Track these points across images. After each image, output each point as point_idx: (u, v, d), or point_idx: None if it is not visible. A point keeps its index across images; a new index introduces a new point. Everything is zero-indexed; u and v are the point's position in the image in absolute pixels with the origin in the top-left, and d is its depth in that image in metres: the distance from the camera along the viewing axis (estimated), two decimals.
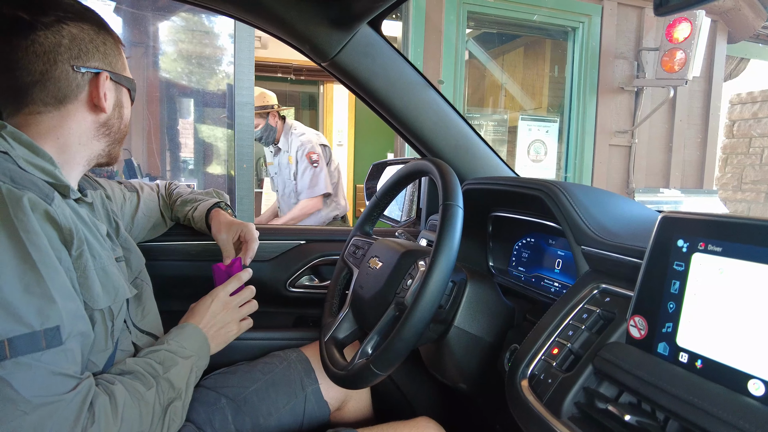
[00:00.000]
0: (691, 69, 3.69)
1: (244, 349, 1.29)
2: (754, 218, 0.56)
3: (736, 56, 5.24)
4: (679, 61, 3.71)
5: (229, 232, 1.13)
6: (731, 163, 6.92)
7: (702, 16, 3.61)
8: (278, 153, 2.92)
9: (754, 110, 6.69)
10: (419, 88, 1.21)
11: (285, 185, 2.93)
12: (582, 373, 0.65)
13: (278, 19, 1.06)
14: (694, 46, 3.66)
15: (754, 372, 0.51)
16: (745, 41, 4.69)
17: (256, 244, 1.13)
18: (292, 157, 2.83)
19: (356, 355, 0.83)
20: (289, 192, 2.90)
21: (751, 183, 6.67)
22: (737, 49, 4.92)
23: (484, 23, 3.80)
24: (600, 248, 0.78)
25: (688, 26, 3.65)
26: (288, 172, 2.87)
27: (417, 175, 1.01)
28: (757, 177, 6.60)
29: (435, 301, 0.73)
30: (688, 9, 0.71)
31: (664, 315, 0.61)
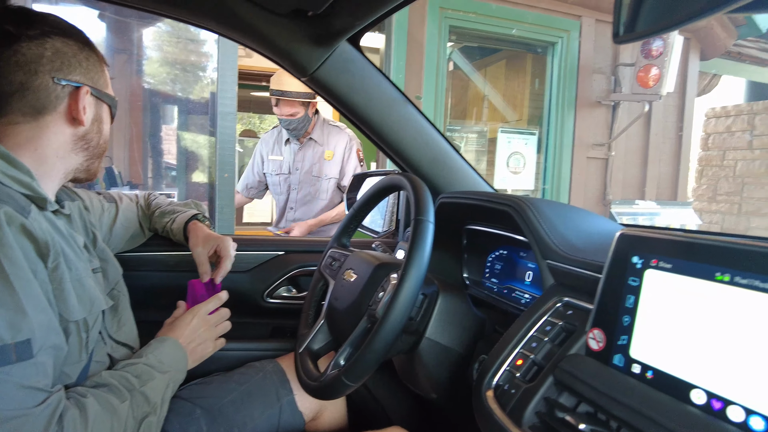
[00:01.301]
0: (665, 84, 3.80)
1: (221, 360, 1.29)
2: (701, 237, 0.59)
3: (709, 72, 5.41)
4: (654, 76, 3.82)
5: (206, 246, 1.14)
6: (706, 174, 7.10)
7: (675, 35, 3.73)
8: (304, 147, 2.48)
9: (728, 124, 6.89)
10: (398, 104, 1.24)
11: (307, 184, 2.48)
12: (543, 383, 0.68)
13: (259, 35, 1.09)
14: (668, 63, 3.77)
15: (697, 382, 0.54)
16: (717, 58, 4.84)
17: (230, 262, 1.15)
18: (333, 153, 2.46)
19: (329, 367, 0.85)
20: (313, 192, 2.48)
21: (725, 194, 6.84)
22: (709, 66, 5.08)
23: (465, 37, 3.87)
24: (563, 262, 0.81)
25: (662, 43, 3.77)
26: (318, 168, 2.46)
27: (391, 189, 1.04)
28: (730, 189, 6.77)
29: (405, 313, 0.75)
30: (644, 38, 0.75)
31: (620, 328, 0.65)
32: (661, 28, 0.66)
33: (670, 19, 0.62)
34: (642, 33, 0.69)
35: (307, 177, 2.47)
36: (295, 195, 2.52)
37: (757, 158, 6.50)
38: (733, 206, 6.74)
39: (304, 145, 2.48)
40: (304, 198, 2.50)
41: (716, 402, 0.52)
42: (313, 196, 2.49)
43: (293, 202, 2.53)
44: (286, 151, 2.54)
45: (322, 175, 2.45)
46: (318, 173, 2.46)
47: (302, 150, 2.48)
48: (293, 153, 2.50)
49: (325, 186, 2.46)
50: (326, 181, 2.46)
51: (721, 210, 6.87)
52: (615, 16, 0.71)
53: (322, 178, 2.45)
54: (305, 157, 2.47)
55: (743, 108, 6.76)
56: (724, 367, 0.52)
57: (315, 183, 2.47)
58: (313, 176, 2.46)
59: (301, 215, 2.52)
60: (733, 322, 0.52)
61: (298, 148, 2.49)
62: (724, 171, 6.87)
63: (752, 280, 0.51)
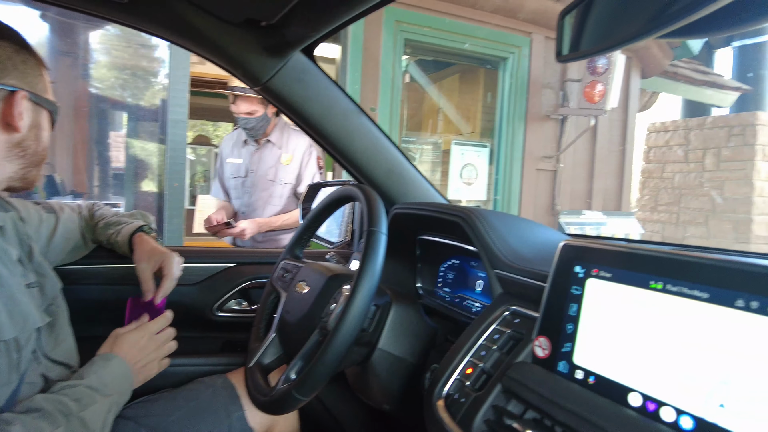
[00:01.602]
0: (609, 100, 4.00)
1: (168, 376, 1.25)
2: (637, 247, 0.62)
3: (649, 90, 5.72)
4: (599, 92, 4.01)
5: (150, 262, 1.10)
6: (648, 186, 7.49)
7: (618, 53, 3.93)
8: (261, 149, 2.37)
9: (666, 139, 7.31)
10: (352, 115, 1.24)
11: (260, 188, 2.36)
12: (492, 391, 0.70)
13: (210, 44, 1.07)
14: (612, 80, 3.97)
15: (634, 385, 0.57)
16: (656, 77, 5.14)
17: (172, 283, 1.11)
18: (292, 157, 2.35)
19: (279, 381, 0.83)
20: (266, 197, 2.35)
21: (665, 205, 7.24)
22: (649, 84, 5.37)
23: (420, 50, 3.94)
24: (511, 272, 0.83)
25: (607, 61, 3.96)
26: (274, 172, 2.34)
27: (345, 200, 1.04)
28: (670, 200, 7.17)
29: (356, 325, 0.75)
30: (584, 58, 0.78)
31: (564, 335, 0.67)
32: (601, 48, 0.70)
33: (609, 41, 0.66)
34: (584, 53, 0.72)
35: (262, 180, 2.34)
36: (248, 199, 2.39)
37: (692, 171, 6.91)
38: (672, 216, 7.13)
39: (262, 147, 2.36)
40: (255, 202, 2.38)
41: (651, 404, 0.55)
42: (265, 201, 2.36)
43: (245, 206, 2.41)
44: (245, 153, 2.41)
45: (277, 180, 2.34)
46: (273, 177, 2.34)
47: (259, 152, 2.36)
48: (250, 155, 2.39)
49: (279, 191, 2.35)
50: (281, 186, 2.34)
51: (662, 219, 7.26)
52: (558, 37, 0.74)
53: (276, 182, 2.34)
54: (261, 160, 2.35)
55: (680, 124, 7.20)
56: (658, 371, 0.55)
57: (269, 187, 2.35)
58: (268, 180, 2.34)
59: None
60: (665, 327, 0.55)
61: (254, 150, 2.37)
62: (663, 183, 7.27)
63: (681, 288, 0.54)
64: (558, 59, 0.75)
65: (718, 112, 7.01)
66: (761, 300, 0.47)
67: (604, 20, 0.68)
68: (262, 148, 2.36)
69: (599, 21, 0.69)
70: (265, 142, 2.36)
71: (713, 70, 6.84)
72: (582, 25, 0.72)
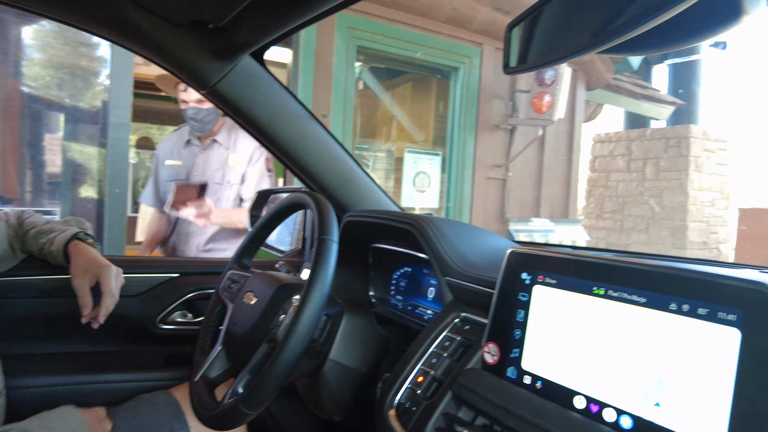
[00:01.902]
0: (557, 111, 4.15)
1: (107, 393, 1.18)
2: (581, 254, 0.64)
3: (594, 102, 5.99)
4: (547, 103, 4.16)
5: (86, 276, 1.04)
6: (594, 194, 7.83)
7: (564, 66, 4.09)
8: (207, 150, 2.21)
9: (610, 149, 7.67)
10: (303, 121, 1.23)
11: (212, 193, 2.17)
12: (443, 399, 0.70)
13: (155, 45, 1.03)
14: (559, 91, 4.12)
15: (578, 389, 0.58)
16: (600, 89, 5.38)
17: (113, 300, 1.05)
18: (240, 158, 2.18)
19: (226, 395, 0.80)
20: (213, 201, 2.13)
21: (610, 213, 7.58)
22: (594, 96, 5.63)
23: (373, 58, 3.96)
24: (461, 279, 0.84)
25: (554, 73, 4.11)
26: (221, 175, 2.18)
27: (295, 208, 1.02)
28: (614, 207, 7.52)
29: (306, 335, 0.73)
30: (530, 71, 0.80)
31: (512, 341, 0.68)
32: (547, 61, 0.71)
33: (555, 54, 0.68)
34: (530, 65, 0.74)
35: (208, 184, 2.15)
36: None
37: (634, 180, 7.29)
38: (616, 223, 7.48)
39: (207, 147, 2.21)
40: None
41: (594, 406, 0.56)
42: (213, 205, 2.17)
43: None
44: (186, 155, 2.25)
45: (224, 182, 2.19)
46: (220, 180, 2.19)
47: (204, 153, 2.21)
48: (194, 156, 2.23)
49: (227, 194, 2.20)
50: (229, 187, 2.19)
51: (607, 227, 7.59)
52: (505, 49, 0.76)
53: (224, 184, 2.19)
54: (207, 161, 2.19)
55: (622, 135, 7.58)
56: (600, 374, 0.56)
57: (216, 191, 2.18)
58: (215, 183, 2.18)
59: (197, 229, 2.19)
60: (607, 331, 0.57)
61: (199, 151, 2.22)
62: (608, 191, 7.62)
63: (622, 293, 0.56)
64: (505, 71, 0.77)
65: (656, 124, 7.44)
66: (691, 303, 0.50)
67: (550, 34, 0.69)
68: (207, 149, 2.21)
69: (545, 34, 0.71)
70: (211, 142, 2.21)
71: (651, 85, 7.25)
72: (529, 38, 0.74)
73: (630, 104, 6.47)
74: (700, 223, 6.78)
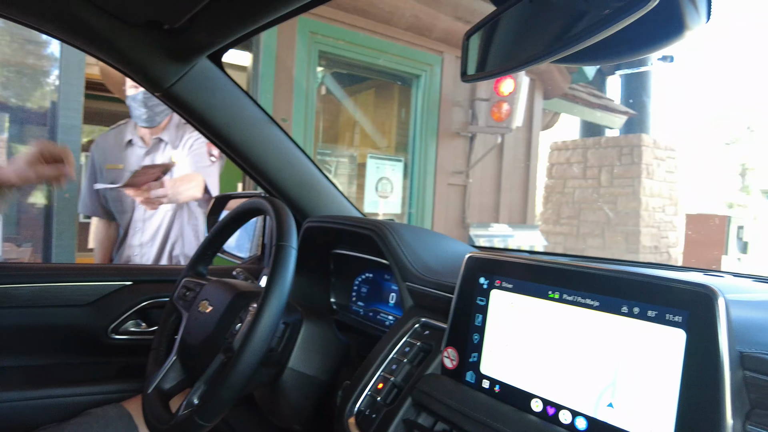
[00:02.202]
0: (515, 119, 4.24)
1: (54, 409, 1.12)
2: (536, 259, 0.65)
3: (551, 110, 6.17)
4: (506, 112, 4.25)
5: None
6: (551, 200, 8.05)
7: (522, 75, 4.20)
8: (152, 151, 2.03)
9: (567, 156, 7.91)
10: (262, 125, 1.21)
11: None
12: (402, 405, 0.69)
13: (107, 44, 0.99)
14: (517, 100, 4.22)
15: (535, 391, 0.59)
16: (557, 98, 5.55)
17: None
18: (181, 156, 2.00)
19: (180, 407, 0.77)
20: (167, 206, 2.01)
21: (567, 218, 7.81)
22: (551, 105, 5.80)
23: (335, 63, 3.96)
24: (421, 284, 0.84)
25: (512, 82, 4.21)
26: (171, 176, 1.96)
27: (253, 213, 1.00)
28: (571, 213, 7.75)
29: (263, 344, 0.72)
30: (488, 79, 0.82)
31: (471, 346, 0.68)
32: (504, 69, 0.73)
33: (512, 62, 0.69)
34: (488, 73, 0.75)
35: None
36: (142, 213, 2.01)
37: (590, 186, 7.53)
38: (572, 228, 7.70)
39: (153, 147, 2.01)
40: (152, 216, 2.02)
41: (550, 408, 0.57)
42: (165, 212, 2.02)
43: (140, 222, 2.02)
44: (129, 156, 2.03)
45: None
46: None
47: (150, 155, 2.01)
48: (139, 159, 2.01)
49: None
50: None
51: (563, 232, 7.81)
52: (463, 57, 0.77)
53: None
54: (154, 163, 2.00)
55: (578, 143, 7.83)
56: (556, 376, 0.57)
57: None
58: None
59: (151, 238, 2.03)
60: (562, 335, 0.58)
61: (144, 153, 2.01)
62: (565, 197, 7.85)
63: (576, 297, 0.57)
64: (463, 79, 0.78)
65: (610, 133, 7.72)
66: (641, 306, 0.51)
67: (507, 42, 0.71)
68: (153, 149, 2.01)
69: (502, 43, 0.72)
70: (157, 141, 2.02)
71: (605, 95, 7.54)
72: (486, 47, 0.75)
73: (585, 113, 6.70)
74: (652, 228, 7.07)
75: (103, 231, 2.15)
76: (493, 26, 0.73)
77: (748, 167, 22.54)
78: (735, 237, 8.13)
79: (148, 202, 1.76)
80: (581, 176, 7.67)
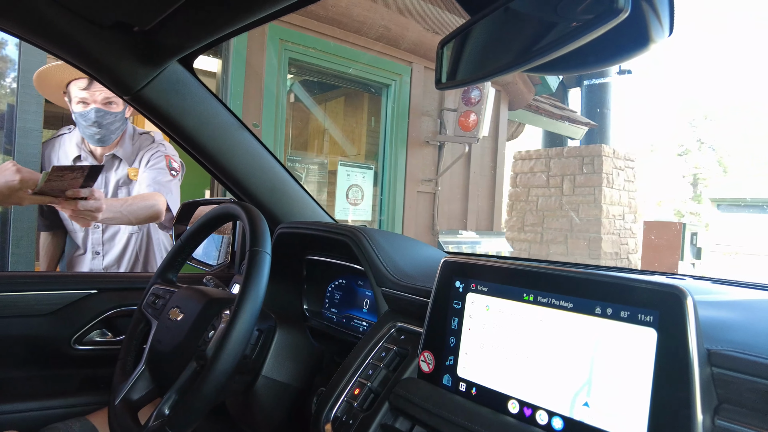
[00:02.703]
0: (482, 129, 4.32)
1: (15, 424, 1.07)
2: (511, 263, 0.67)
3: (515, 121, 6.31)
4: (473, 121, 4.32)
5: None
6: (516, 209, 8.22)
7: (489, 86, 4.29)
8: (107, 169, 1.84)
9: (531, 166, 8.10)
10: (233, 130, 1.19)
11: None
12: (380, 410, 0.69)
13: (75, 46, 0.96)
14: (484, 110, 4.30)
15: (512, 393, 0.60)
16: (521, 109, 5.69)
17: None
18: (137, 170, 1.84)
19: (150, 418, 0.75)
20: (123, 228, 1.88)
21: (531, 226, 7.98)
22: (516, 116, 5.93)
23: (305, 71, 3.95)
24: (396, 289, 0.85)
25: (479, 93, 4.29)
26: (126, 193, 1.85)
27: (225, 219, 0.99)
28: (534, 221, 7.93)
29: (237, 351, 0.71)
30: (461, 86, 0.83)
31: (447, 349, 0.69)
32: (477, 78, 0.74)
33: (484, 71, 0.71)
34: (461, 81, 0.77)
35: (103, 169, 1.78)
36: (100, 235, 1.86)
37: (553, 195, 7.73)
38: (536, 235, 7.88)
39: (106, 165, 1.82)
40: (113, 236, 1.87)
41: (527, 409, 0.58)
42: (124, 232, 1.87)
43: (98, 245, 1.86)
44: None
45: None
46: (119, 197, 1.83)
47: (103, 173, 1.82)
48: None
49: None
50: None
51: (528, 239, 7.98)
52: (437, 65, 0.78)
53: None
54: (108, 182, 1.83)
55: (542, 153, 8.04)
56: (533, 378, 0.59)
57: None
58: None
59: (113, 261, 1.88)
60: (537, 336, 0.59)
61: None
62: (529, 205, 8.03)
63: (550, 299, 0.59)
64: (437, 86, 0.79)
65: (572, 143, 7.96)
66: (614, 307, 0.53)
67: (479, 52, 0.73)
68: (107, 167, 1.83)
69: (475, 52, 0.74)
70: (110, 158, 1.83)
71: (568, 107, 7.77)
72: (459, 55, 0.77)
73: (548, 124, 6.88)
74: (612, 235, 7.30)
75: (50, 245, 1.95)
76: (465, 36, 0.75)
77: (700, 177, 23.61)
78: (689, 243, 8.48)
79: (79, 217, 1.43)
80: (544, 185, 7.87)
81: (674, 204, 23.29)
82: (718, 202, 18.66)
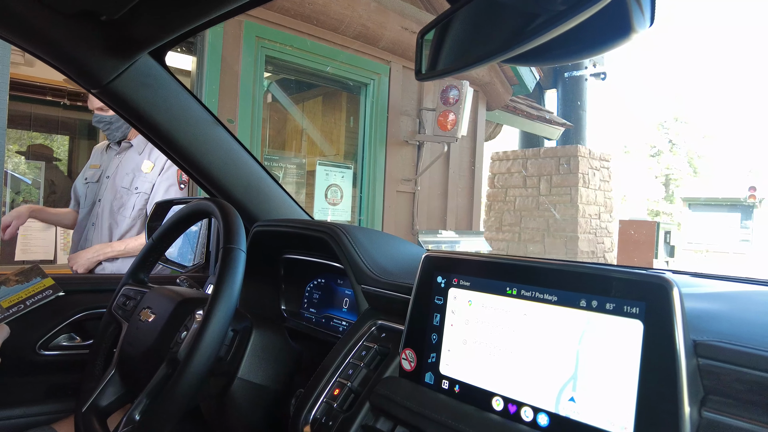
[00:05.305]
0: (460, 129, 4.33)
1: None
2: (491, 257, 0.65)
3: (493, 121, 6.36)
4: (451, 121, 4.33)
5: None
6: (494, 209, 8.28)
7: (467, 86, 4.30)
8: (121, 154, 2.11)
9: (508, 166, 8.18)
10: (206, 125, 1.16)
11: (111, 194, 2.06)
12: (360, 411, 0.67)
13: (38, 36, 0.92)
14: (463, 110, 4.31)
15: (496, 390, 0.58)
16: (499, 110, 5.72)
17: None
18: (154, 165, 2.03)
19: (120, 424, 0.72)
20: (117, 206, 2.04)
21: (509, 225, 8.05)
22: (494, 116, 5.97)
23: (282, 69, 3.90)
24: (376, 286, 0.83)
25: (458, 92, 4.30)
26: (130, 180, 2.03)
27: (198, 216, 0.95)
28: (512, 221, 8.00)
29: (211, 353, 0.68)
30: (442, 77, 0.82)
31: (429, 346, 0.67)
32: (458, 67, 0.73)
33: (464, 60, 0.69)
34: (441, 71, 0.75)
35: (115, 187, 2.04)
36: (98, 208, 2.10)
37: (530, 195, 7.82)
38: (514, 235, 7.95)
39: (122, 151, 2.13)
40: (103, 212, 2.07)
41: (512, 406, 0.57)
42: (116, 211, 2.04)
43: (95, 216, 2.10)
44: (105, 159, 2.20)
45: (131, 188, 2.03)
46: (128, 185, 2.04)
47: (119, 156, 2.12)
48: (110, 160, 2.16)
49: (132, 201, 2.02)
50: (135, 195, 2.02)
51: (506, 239, 8.05)
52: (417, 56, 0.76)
53: (131, 191, 2.03)
54: (120, 165, 2.09)
55: (519, 153, 8.13)
56: (517, 373, 0.57)
57: (122, 196, 2.03)
58: (122, 188, 2.03)
59: (100, 235, 2.06)
60: (521, 331, 0.58)
61: (115, 154, 2.15)
62: (507, 205, 8.10)
63: (534, 292, 0.58)
64: (417, 77, 0.77)
65: (548, 144, 8.06)
66: (599, 299, 0.52)
67: (460, 41, 0.71)
68: (122, 153, 2.14)
69: (455, 41, 0.72)
70: (127, 145, 2.12)
71: (544, 107, 7.87)
72: (440, 45, 0.75)
73: (525, 125, 6.95)
74: (589, 234, 7.41)
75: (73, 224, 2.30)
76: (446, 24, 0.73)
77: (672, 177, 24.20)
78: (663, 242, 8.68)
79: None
80: (522, 185, 7.96)
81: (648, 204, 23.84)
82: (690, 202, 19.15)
